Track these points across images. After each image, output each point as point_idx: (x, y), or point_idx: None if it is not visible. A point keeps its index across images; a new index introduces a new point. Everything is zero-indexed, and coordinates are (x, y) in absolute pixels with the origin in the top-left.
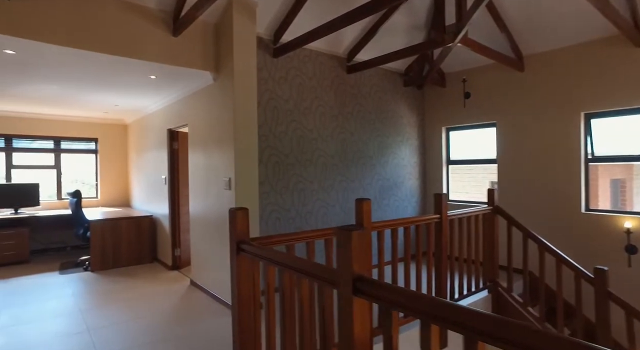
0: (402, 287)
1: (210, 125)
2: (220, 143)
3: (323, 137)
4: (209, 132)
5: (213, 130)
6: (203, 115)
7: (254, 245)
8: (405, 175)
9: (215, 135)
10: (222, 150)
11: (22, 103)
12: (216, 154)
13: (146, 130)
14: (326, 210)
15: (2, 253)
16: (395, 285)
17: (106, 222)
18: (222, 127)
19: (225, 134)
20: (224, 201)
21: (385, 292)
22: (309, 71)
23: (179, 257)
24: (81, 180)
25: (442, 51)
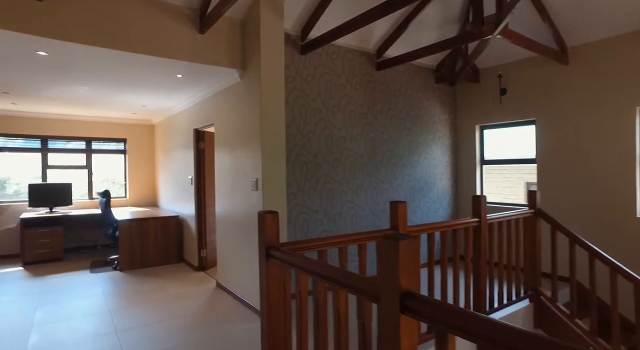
0: (462, 308)
1: (237, 125)
2: (247, 143)
3: (352, 136)
4: (236, 131)
5: (239, 129)
6: (229, 114)
7: (285, 252)
8: (436, 176)
9: (241, 135)
10: (249, 150)
11: (56, 105)
12: (243, 153)
13: (172, 131)
14: (355, 212)
15: (38, 251)
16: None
17: (134, 222)
18: (248, 126)
19: (252, 133)
20: (251, 202)
21: (441, 312)
22: (337, 68)
23: (205, 258)
24: (111, 180)
25: (479, 45)
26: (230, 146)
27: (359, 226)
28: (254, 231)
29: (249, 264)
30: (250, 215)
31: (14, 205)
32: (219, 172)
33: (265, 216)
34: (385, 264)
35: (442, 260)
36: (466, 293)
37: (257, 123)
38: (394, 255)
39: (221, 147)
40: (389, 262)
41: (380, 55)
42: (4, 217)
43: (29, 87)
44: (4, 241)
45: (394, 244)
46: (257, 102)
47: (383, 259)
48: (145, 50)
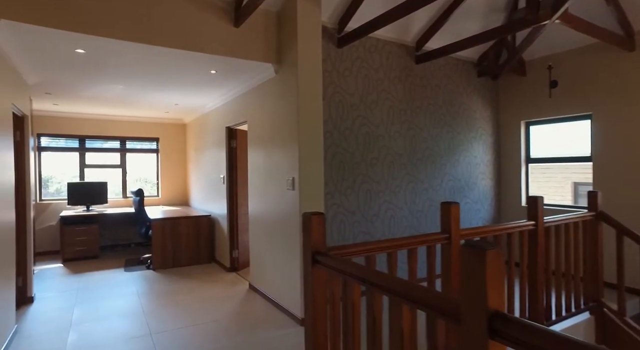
0: (566, 336)
1: (272, 122)
2: (283, 140)
3: (390, 134)
4: (270, 128)
5: (275, 126)
6: (263, 111)
7: (334, 258)
8: (477, 175)
9: (277, 132)
10: (285, 148)
11: (93, 105)
12: (278, 152)
13: (204, 129)
14: (393, 213)
15: (76, 248)
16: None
17: (166, 221)
18: (284, 123)
19: (288, 130)
20: (287, 202)
21: (543, 339)
22: (375, 62)
23: (236, 258)
24: (143, 179)
25: (530, 33)
26: (264, 144)
27: (397, 228)
28: (290, 232)
29: (285, 266)
30: (286, 216)
31: (55, 203)
32: (252, 170)
33: (311, 218)
34: (470, 278)
35: None
36: (521, 303)
37: (294, 120)
38: (480, 268)
39: (254, 145)
40: (474, 276)
41: (419, 48)
42: (45, 215)
43: (68, 87)
44: (46, 238)
45: (481, 254)
46: (293, 97)
47: (467, 271)
48: (179, 45)
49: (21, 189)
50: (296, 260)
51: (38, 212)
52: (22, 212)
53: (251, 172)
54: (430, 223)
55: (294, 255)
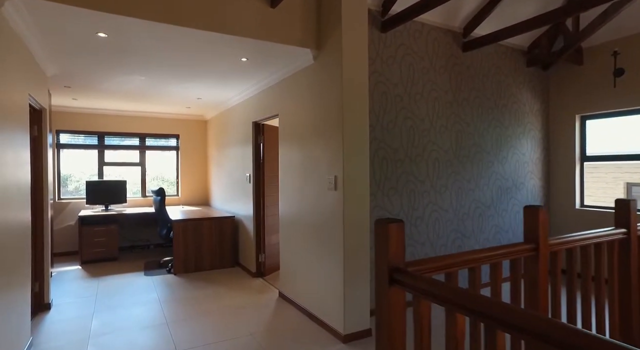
0: None
1: (309, 115)
2: (323, 135)
3: (436, 128)
4: (307, 122)
5: (313, 120)
6: (299, 102)
7: (422, 279)
8: (526, 175)
9: (315, 126)
10: (325, 144)
11: (113, 99)
12: (317, 148)
13: (227, 125)
14: (438, 216)
15: (94, 250)
16: None
17: (188, 223)
18: (325, 115)
19: (330, 123)
20: (327, 203)
21: None
22: (420, 49)
23: (263, 263)
24: (160, 177)
25: (599, 16)
26: (299, 139)
27: (443, 232)
28: (331, 237)
29: (323, 274)
30: (325, 219)
31: (73, 202)
32: (283, 168)
33: (388, 227)
34: None
35: (585, 282)
36: (611, 323)
37: (337, 112)
38: None
39: (287, 141)
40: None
41: (467, 34)
42: (64, 214)
43: (87, 78)
44: (64, 238)
45: None
46: (337, 87)
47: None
48: (209, 26)
49: (38, 188)
50: (338, 268)
51: (56, 211)
52: (39, 212)
53: (282, 170)
54: (477, 228)
55: (335, 262)
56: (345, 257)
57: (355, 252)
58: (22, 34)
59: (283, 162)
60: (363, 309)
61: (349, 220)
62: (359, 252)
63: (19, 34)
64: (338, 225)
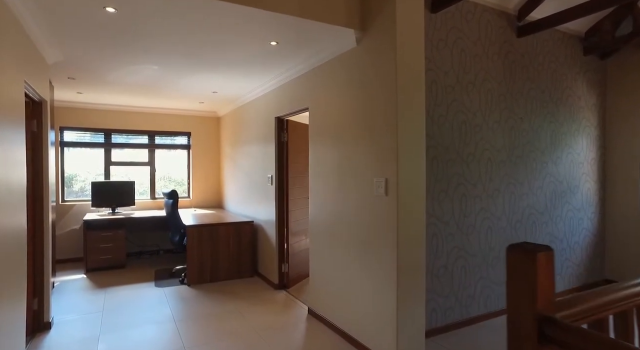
0: None
1: (348, 108)
2: (369, 131)
3: (489, 124)
4: (346, 116)
5: (353, 114)
6: (335, 94)
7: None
8: (580, 177)
9: (357, 121)
10: (372, 142)
11: (120, 93)
12: (359, 146)
13: (244, 121)
14: (490, 224)
15: (100, 257)
16: None
17: (203, 228)
18: (371, 109)
19: (379, 118)
20: (375, 211)
21: None
22: (472, 33)
23: (286, 273)
24: (168, 178)
25: None
26: (335, 136)
27: (496, 242)
28: (380, 249)
29: (368, 292)
30: (373, 228)
31: (78, 204)
32: (314, 169)
33: (536, 258)
34: None
35: None
36: None
37: (389, 104)
38: None
39: (319, 138)
40: None
41: (522, 17)
42: (68, 218)
43: (93, 67)
44: (68, 243)
45: None
46: (388, 75)
47: None
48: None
49: (38, 190)
50: (390, 285)
51: (59, 214)
52: (38, 216)
53: (313, 171)
54: (530, 237)
55: (386, 278)
56: (399, 273)
57: (411, 267)
58: (17, 11)
59: (314, 162)
60: (418, 334)
61: (405, 231)
62: (415, 267)
63: (13, 11)
64: (390, 237)
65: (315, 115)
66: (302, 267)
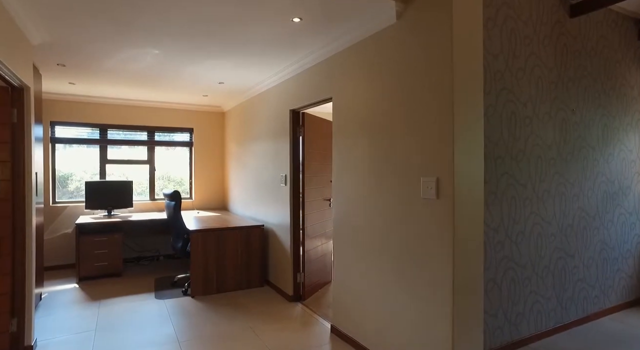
0: None
1: (386, 95)
2: (415, 123)
3: (539, 116)
4: (383, 106)
5: (391, 103)
6: (368, 80)
7: None
8: (632, 177)
9: (399, 111)
10: (419, 135)
11: (117, 83)
12: (399, 141)
13: (253, 116)
14: (541, 230)
15: (95, 264)
16: None
17: (209, 234)
18: (418, 95)
19: (428, 107)
20: (420, 215)
21: None
22: (523, 11)
23: (302, 284)
24: (167, 177)
25: None
26: (368, 129)
27: (545, 251)
28: (428, 261)
29: (415, 313)
30: (418, 237)
31: (71, 206)
32: (339, 168)
33: None
34: None
35: None
36: None
37: (442, 90)
38: None
39: (346, 132)
40: None
41: None
42: (59, 221)
43: (86, 52)
44: (59, 249)
45: None
46: (442, 55)
47: None
48: None
49: (19, 190)
50: (443, 306)
51: (49, 217)
52: (19, 220)
53: (338, 169)
54: (581, 244)
55: (435, 299)
56: (455, 292)
57: (469, 287)
58: None
59: (339, 159)
60: None
61: (462, 242)
62: (473, 286)
63: None
64: (442, 248)
65: (340, 106)
66: (319, 275)
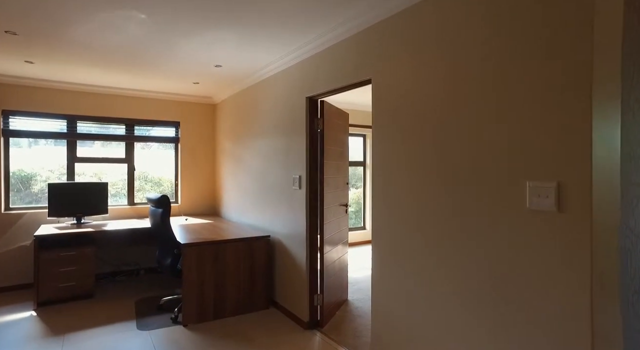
0: None
1: (465, 70)
2: (514, 106)
3: None
4: (460, 84)
5: (474, 79)
6: (431, 52)
7: None
8: None
9: (487, 90)
10: (521, 122)
11: (88, 65)
12: (486, 128)
13: (254, 107)
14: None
15: (59, 284)
16: None
17: (205, 248)
18: (523, 67)
19: (543, 82)
20: (524, 237)
21: None
22: None
23: (320, 308)
24: (143, 177)
25: None
26: (429, 118)
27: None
28: (538, 305)
29: None
30: (523, 266)
31: (30, 213)
32: (382, 167)
33: None
34: None
35: None
36: None
37: (572, 58)
38: None
39: (395, 123)
40: None
41: None
42: (14, 231)
43: (45, 12)
44: (13, 265)
45: None
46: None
47: None
48: None
49: None
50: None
51: (2, 227)
52: None
53: (380, 170)
54: None
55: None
56: (597, 346)
57: (610, 335)
58: None
59: (381, 156)
60: None
61: (607, 279)
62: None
63: None
64: (569, 286)
65: (384, 89)
66: (336, 294)
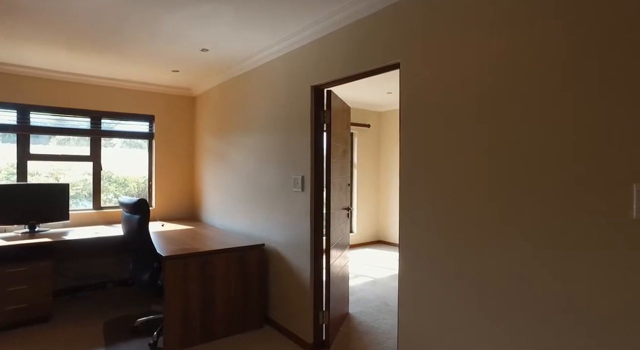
0: None
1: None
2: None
3: None
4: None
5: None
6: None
7: None
8: None
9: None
10: None
11: (47, 43)
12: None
13: (243, 99)
14: None
15: (7, 307)
16: None
17: (191, 260)
18: None
19: None
20: (627, 252)
21: None
22: None
23: (326, 326)
24: (107, 177)
25: None
26: (483, 107)
27: None
28: None
29: None
30: None
31: None
32: (411, 168)
33: None
34: None
35: None
36: None
37: None
38: None
39: (435, 112)
40: None
41: None
42: None
43: None
44: None
45: None
46: None
47: None
48: None
49: None
50: None
51: None
52: None
53: (409, 171)
54: None
55: None
56: None
57: None
58: None
59: (411, 156)
60: None
61: None
62: None
63: None
64: None
65: (419, 75)
66: (339, 306)
